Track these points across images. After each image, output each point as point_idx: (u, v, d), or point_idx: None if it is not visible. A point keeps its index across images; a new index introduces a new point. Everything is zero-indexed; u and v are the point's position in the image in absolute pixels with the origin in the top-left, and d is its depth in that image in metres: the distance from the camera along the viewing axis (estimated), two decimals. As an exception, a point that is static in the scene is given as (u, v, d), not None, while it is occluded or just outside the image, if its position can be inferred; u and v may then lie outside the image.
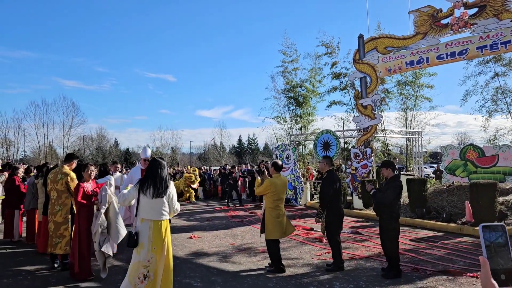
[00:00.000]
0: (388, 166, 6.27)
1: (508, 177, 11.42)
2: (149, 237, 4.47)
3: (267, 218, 6.39)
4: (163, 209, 4.60)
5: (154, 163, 4.78)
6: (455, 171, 12.48)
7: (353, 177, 14.10)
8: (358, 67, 14.43)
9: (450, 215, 10.40)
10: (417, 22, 12.82)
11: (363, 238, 9.09)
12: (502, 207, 10.10)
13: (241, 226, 11.23)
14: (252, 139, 77.08)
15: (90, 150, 54.67)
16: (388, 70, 13.92)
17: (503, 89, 19.18)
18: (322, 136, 15.95)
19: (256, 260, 7.25)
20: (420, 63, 13.12)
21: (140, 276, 4.40)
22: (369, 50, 14.17)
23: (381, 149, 22.60)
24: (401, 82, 23.11)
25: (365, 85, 14.28)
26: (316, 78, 23.95)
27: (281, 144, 19.31)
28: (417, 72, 21.81)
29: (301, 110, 23.80)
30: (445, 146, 13.22)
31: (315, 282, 5.82)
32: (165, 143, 57.35)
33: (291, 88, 23.86)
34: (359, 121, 14.52)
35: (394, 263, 5.98)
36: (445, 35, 12.32)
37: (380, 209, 6.22)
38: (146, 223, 4.51)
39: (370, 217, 12.00)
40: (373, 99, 14.11)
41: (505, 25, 10.95)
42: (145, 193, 4.53)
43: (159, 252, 4.49)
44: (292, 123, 24.62)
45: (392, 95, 23.60)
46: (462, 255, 7.12)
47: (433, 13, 12.41)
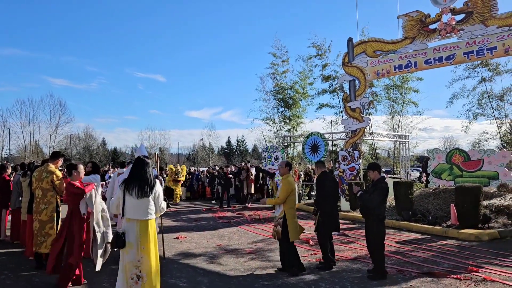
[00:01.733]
0: (374, 168, 6.33)
1: (492, 181, 11.59)
2: (136, 237, 4.44)
3: (289, 220, 6.30)
4: (149, 209, 4.55)
5: (138, 162, 4.70)
6: (441, 175, 12.63)
7: (341, 180, 14.17)
8: (347, 70, 14.53)
9: (436, 218, 10.51)
10: (405, 26, 12.96)
11: (349, 240, 9.14)
12: (486, 210, 10.23)
13: (228, 227, 11.21)
14: (241, 141, 77.14)
15: (77, 149, 54.10)
16: (377, 74, 14.04)
17: (489, 94, 19.50)
18: (310, 138, 16.01)
19: (242, 261, 7.25)
20: (408, 67, 13.26)
21: (133, 277, 4.37)
22: (358, 53, 14.28)
23: (369, 152, 22.80)
24: (389, 86, 23.36)
25: (354, 88, 14.39)
26: (306, 81, 24.05)
27: (269, 145, 19.32)
28: (405, 76, 22.07)
29: (290, 112, 23.89)
30: (432, 150, 13.37)
31: (301, 283, 5.83)
32: (153, 143, 57.10)
33: (281, 90, 23.92)
34: (347, 123, 14.61)
35: (379, 265, 6.02)
36: (433, 40, 12.47)
37: (366, 211, 6.27)
38: (132, 223, 4.47)
39: (356, 219, 12.07)
40: (362, 102, 14.22)
41: (491, 31, 11.13)
42: (130, 193, 4.47)
43: (147, 251, 4.46)
44: (281, 125, 24.71)
45: (380, 98, 23.86)
46: (447, 257, 7.20)
47: (422, 18, 12.56)
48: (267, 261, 7.19)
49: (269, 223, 11.72)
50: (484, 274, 6.02)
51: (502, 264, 6.62)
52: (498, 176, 11.51)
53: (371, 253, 6.20)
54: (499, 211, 10.35)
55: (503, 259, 6.98)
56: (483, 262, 6.80)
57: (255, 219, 12.77)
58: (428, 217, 10.69)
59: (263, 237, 9.60)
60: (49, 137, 46.35)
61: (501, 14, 10.99)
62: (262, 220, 12.55)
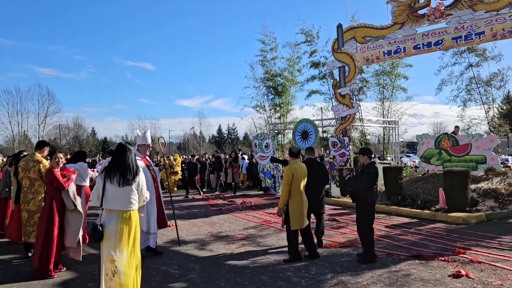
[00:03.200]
0: (364, 153, 6.36)
1: (480, 165, 11.73)
2: (116, 229, 4.14)
3: (291, 207, 6.24)
4: (132, 198, 4.27)
5: (120, 148, 4.41)
6: (430, 160, 12.74)
7: (331, 166, 14.24)
8: (336, 57, 14.50)
9: (425, 202, 10.64)
10: (394, 12, 12.91)
11: (339, 225, 9.23)
12: (474, 194, 10.38)
13: (219, 214, 11.24)
14: (232, 129, 77.01)
15: (67, 139, 53.60)
16: (366, 60, 14.02)
17: (476, 80, 19.62)
18: (301, 125, 16.02)
19: (234, 247, 7.29)
20: (397, 53, 13.26)
21: (108, 273, 4.08)
22: (347, 39, 14.22)
23: (359, 138, 22.90)
24: (378, 72, 23.40)
25: (344, 74, 14.37)
26: (294, 67, 23.98)
27: (260, 133, 19.32)
28: (394, 62, 22.10)
29: (280, 99, 23.85)
30: (421, 135, 13.45)
31: (292, 268, 5.89)
32: (143, 132, 56.71)
33: (270, 77, 23.86)
34: (337, 110, 14.62)
35: (368, 249, 6.09)
36: (421, 26, 12.45)
37: (355, 196, 6.32)
38: (113, 214, 4.19)
39: (347, 205, 12.18)
40: (351, 89, 14.22)
41: (479, 16, 11.14)
42: (112, 181, 4.18)
43: (127, 244, 4.18)
44: (271, 112, 24.68)
45: (370, 84, 23.89)
46: (435, 240, 7.31)
47: (411, 3, 12.52)
48: (259, 247, 7.24)
49: (261, 210, 11.79)
50: (471, 256, 6.12)
51: (488, 246, 6.74)
52: (485, 160, 11.64)
53: (361, 237, 6.27)
54: (486, 194, 10.52)
55: (490, 241, 7.11)
56: (470, 244, 6.91)
57: (247, 206, 12.82)
58: (417, 201, 10.82)
59: (254, 223, 9.65)
60: (37, 128, 45.87)
61: (489, -2, 10.99)
62: (253, 207, 12.60)
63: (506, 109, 25.18)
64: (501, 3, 10.74)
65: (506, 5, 10.64)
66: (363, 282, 5.18)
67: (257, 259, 6.43)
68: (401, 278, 5.29)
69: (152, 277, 5.61)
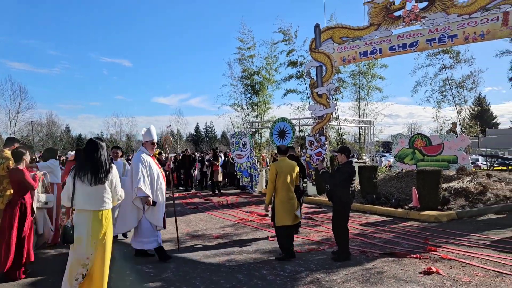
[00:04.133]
0: (342, 152, 6.45)
1: (452, 165, 12.04)
2: (87, 231, 3.91)
3: (276, 204, 6.31)
4: (105, 197, 4.06)
5: (91, 144, 4.16)
6: (404, 159, 13.00)
7: (308, 165, 14.35)
8: (314, 56, 14.61)
9: (398, 200, 10.85)
10: (371, 13, 13.11)
11: (315, 223, 9.31)
12: (445, 193, 10.63)
13: (196, 212, 11.18)
14: (210, 127, 76.63)
15: (40, 136, 52.18)
16: (343, 60, 14.19)
17: (450, 81, 20.10)
18: (278, 124, 16.08)
19: (210, 246, 7.26)
20: (373, 54, 13.48)
21: (78, 277, 3.88)
22: (325, 39, 14.36)
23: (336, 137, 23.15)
24: (355, 72, 23.69)
25: (321, 74, 14.50)
26: (272, 66, 24.05)
27: (237, 131, 19.30)
28: (370, 63, 22.43)
29: (258, 97, 23.87)
30: (395, 135, 13.70)
31: (267, 266, 5.91)
32: (119, 130, 55.86)
33: (248, 75, 23.84)
34: (314, 109, 14.75)
35: (343, 247, 6.17)
36: (397, 27, 12.69)
37: (331, 195, 6.41)
38: (84, 214, 3.96)
39: (323, 203, 12.31)
40: (328, 88, 14.36)
41: (452, 19, 11.43)
42: (82, 180, 3.96)
43: (99, 247, 3.97)
44: (248, 111, 24.67)
45: (347, 84, 24.18)
46: (408, 238, 7.46)
47: (387, 5, 12.74)
48: (235, 245, 7.24)
49: (237, 208, 11.78)
50: (441, 253, 6.28)
51: (458, 243, 6.93)
52: (457, 160, 11.96)
53: (335, 235, 6.35)
54: (457, 193, 10.79)
55: (460, 238, 7.31)
56: (441, 242, 7.08)
57: (223, 204, 12.79)
58: (391, 200, 11.01)
59: (230, 222, 9.64)
60: (9, 124, 44.43)
61: (461, 2, 11.29)
62: (230, 205, 12.59)
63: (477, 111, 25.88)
64: (472, 7, 11.04)
65: (477, 9, 10.95)
66: (337, 279, 5.25)
67: (233, 258, 6.43)
68: (374, 275, 5.38)
69: (126, 276, 5.54)
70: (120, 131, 55.92)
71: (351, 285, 5.03)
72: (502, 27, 10.68)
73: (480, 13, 10.95)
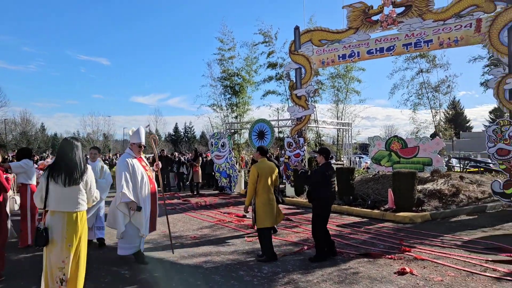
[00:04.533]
0: (321, 153, 6.52)
1: (427, 167, 12.30)
2: (62, 233, 3.84)
3: (258, 206, 6.26)
4: (80, 198, 3.99)
5: (65, 144, 4.07)
6: (380, 161, 13.21)
7: (286, 166, 14.44)
8: (293, 58, 14.71)
9: (375, 202, 11.02)
10: (350, 17, 13.29)
11: (293, 224, 9.38)
12: (420, 194, 10.87)
13: (173, 213, 11.10)
14: (189, 127, 76.22)
15: (13, 135, 50.90)
16: (322, 63, 14.33)
17: (426, 85, 20.52)
18: (257, 125, 16.12)
19: (187, 247, 7.23)
20: (351, 57, 13.65)
21: (57, 281, 3.81)
22: (304, 41, 14.48)
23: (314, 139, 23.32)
24: (333, 75, 23.90)
25: (300, 76, 14.60)
26: (252, 67, 24.05)
27: (216, 132, 19.25)
28: (348, 66, 22.69)
29: (237, 98, 23.84)
30: (372, 137, 13.91)
31: (245, 267, 5.93)
32: (96, 129, 54.94)
33: (228, 76, 23.78)
34: (293, 111, 14.84)
35: (320, 248, 6.24)
36: (375, 31, 12.90)
37: (309, 195, 6.49)
38: (58, 216, 3.88)
39: (301, 204, 12.40)
40: (307, 90, 14.48)
41: (428, 25, 11.69)
42: (56, 181, 3.88)
43: (74, 250, 3.91)
44: (228, 112, 24.59)
45: (325, 87, 24.36)
46: (383, 239, 7.59)
47: (365, 9, 12.94)
48: (212, 247, 7.23)
49: (216, 209, 11.76)
50: (415, 254, 6.42)
51: (431, 244, 7.09)
52: (431, 162, 12.22)
53: (314, 236, 6.41)
54: (431, 195, 11.04)
55: (433, 239, 7.48)
56: (415, 242, 7.24)
57: (201, 205, 12.75)
58: (367, 201, 11.19)
59: (208, 223, 9.62)
60: (-20, 122, 43.27)
61: (436, 8, 11.56)
62: (208, 206, 12.55)
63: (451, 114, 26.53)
64: (447, 14, 11.32)
65: (452, 16, 11.23)
66: (314, 280, 5.31)
67: (210, 259, 6.42)
68: (350, 275, 5.46)
69: (101, 278, 5.47)
70: (97, 130, 55.02)
71: (327, 286, 5.09)
72: (475, 34, 10.98)
73: (454, 19, 11.24)
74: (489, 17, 10.65)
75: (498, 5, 10.53)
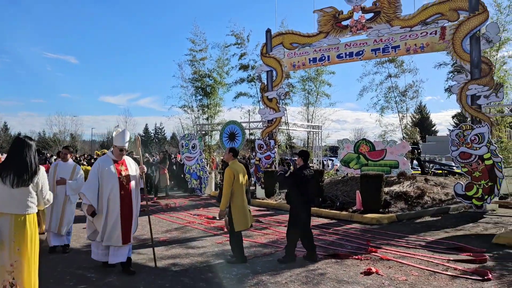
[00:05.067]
0: (300, 155, 6.63)
1: (394, 170, 12.63)
2: (10, 236, 3.68)
3: (233, 209, 6.15)
4: (29, 201, 3.81)
5: (17, 143, 3.90)
6: (349, 163, 13.47)
7: (257, 168, 14.50)
8: (265, 61, 14.82)
9: (343, 204, 11.21)
10: (320, 21, 13.51)
11: (263, 226, 9.41)
12: (387, 196, 11.13)
13: (142, 215, 10.90)
14: (159, 128, 75.22)
15: (-27, 134, 49.01)
16: (293, 66, 14.49)
17: (394, 89, 21.04)
18: (228, 126, 16.12)
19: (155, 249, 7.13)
20: (322, 61, 13.87)
21: (5, 285, 3.66)
22: (276, 44, 14.61)
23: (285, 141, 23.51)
24: (304, 78, 24.18)
25: (271, 78, 14.72)
26: (223, 69, 24.02)
27: (187, 133, 19.11)
28: (319, 69, 23.01)
29: (209, 100, 23.74)
30: (342, 140, 14.17)
31: (214, 269, 5.91)
32: (63, 129, 53.40)
33: (199, 77, 23.66)
34: (264, 113, 14.94)
35: (289, 249, 6.29)
36: (345, 36, 13.16)
37: (287, 198, 6.59)
38: (5, 218, 3.70)
39: (271, 206, 12.46)
40: (278, 93, 14.61)
41: (395, 31, 12.03)
42: (4, 181, 3.70)
43: (24, 253, 3.74)
44: (199, 113, 24.45)
45: (296, 90, 24.62)
46: (350, 240, 7.74)
47: (335, 14, 13.18)
48: (181, 249, 7.18)
49: (185, 211, 11.67)
50: (381, 254, 6.57)
51: (397, 244, 7.28)
52: (398, 165, 12.57)
53: (287, 237, 6.46)
54: (398, 196, 11.33)
55: (398, 239, 7.68)
56: (382, 243, 7.41)
57: (171, 207, 12.62)
58: (336, 203, 11.37)
59: (178, 225, 9.54)
60: None
61: (404, 15, 11.91)
62: (178, 208, 12.44)
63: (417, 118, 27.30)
64: (414, 21, 11.68)
65: (418, 23, 11.60)
66: (282, 281, 5.35)
67: (179, 261, 6.38)
68: (318, 276, 5.54)
69: (66, 281, 5.33)
70: (64, 130, 53.47)
71: (295, 286, 5.15)
72: (439, 41, 11.37)
73: (421, 26, 11.61)
74: (453, 25, 11.06)
75: (461, 14, 10.95)
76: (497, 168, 9.66)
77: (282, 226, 9.19)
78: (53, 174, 6.90)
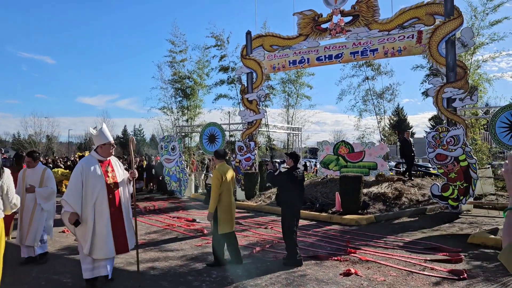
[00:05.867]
0: (290, 157, 6.71)
1: (372, 171, 12.79)
2: None
3: (220, 211, 6.08)
4: None
5: None
6: (328, 165, 13.57)
7: (237, 170, 14.47)
8: (245, 63, 14.82)
9: (323, 205, 11.28)
10: (300, 24, 13.59)
11: (242, 228, 9.39)
12: (365, 197, 11.26)
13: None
14: (139, 130, 74.37)
15: None
16: (273, 68, 14.53)
17: (371, 92, 21.37)
18: (208, 128, 16.04)
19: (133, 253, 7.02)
20: (301, 63, 13.96)
21: None
22: (256, 46, 14.62)
23: (265, 143, 23.57)
24: (284, 80, 24.34)
25: (251, 80, 14.73)
26: (204, 71, 23.93)
27: (167, 135, 18.93)
28: (299, 72, 23.19)
29: (188, 102, 23.61)
30: (321, 142, 14.27)
31: (194, 272, 5.87)
32: (39, 130, 52.18)
33: (179, 79, 23.51)
34: (244, 115, 14.93)
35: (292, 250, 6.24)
36: (324, 39, 13.28)
37: (277, 199, 6.66)
38: None
39: (251, 208, 12.45)
40: (258, 95, 14.62)
41: (373, 34, 12.20)
42: None
43: None
44: (178, 115, 24.29)
45: (276, 91, 24.73)
46: (330, 241, 7.79)
47: (315, 17, 13.28)
48: (160, 252, 7.10)
49: (165, 214, 11.55)
50: (360, 255, 6.64)
51: (375, 245, 7.36)
52: (376, 167, 12.73)
53: (284, 240, 6.42)
54: (376, 198, 11.47)
55: (377, 240, 7.77)
56: (360, 244, 7.49)
57: (150, 210, 12.48)
58: (316, 204, 11.43)
59: (157, 228, 9.43)
60: None
61: (382, 19, 12.10)
62: (157, 211, 12.31)
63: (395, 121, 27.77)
64: (391, 25, 11.88)
65: (395, 27, 11.80)
66: (262, 283, 5.35)
67: (158, 265, 6.30)
68: (298, 278, 5.56)
69: (41, 287, 5.21)
70: (40, 132, 52.26)
71: (275, 289, 5.15)
72: (416, 44, 11.59)
73: (398, 30, 11.81)
74: (429, 30, 11.29)
75: (437, 18, 11.19)
76: (472, 170, 9.88)
77: (262, 228, 9.20)
78: (22, 181, 6.38)
